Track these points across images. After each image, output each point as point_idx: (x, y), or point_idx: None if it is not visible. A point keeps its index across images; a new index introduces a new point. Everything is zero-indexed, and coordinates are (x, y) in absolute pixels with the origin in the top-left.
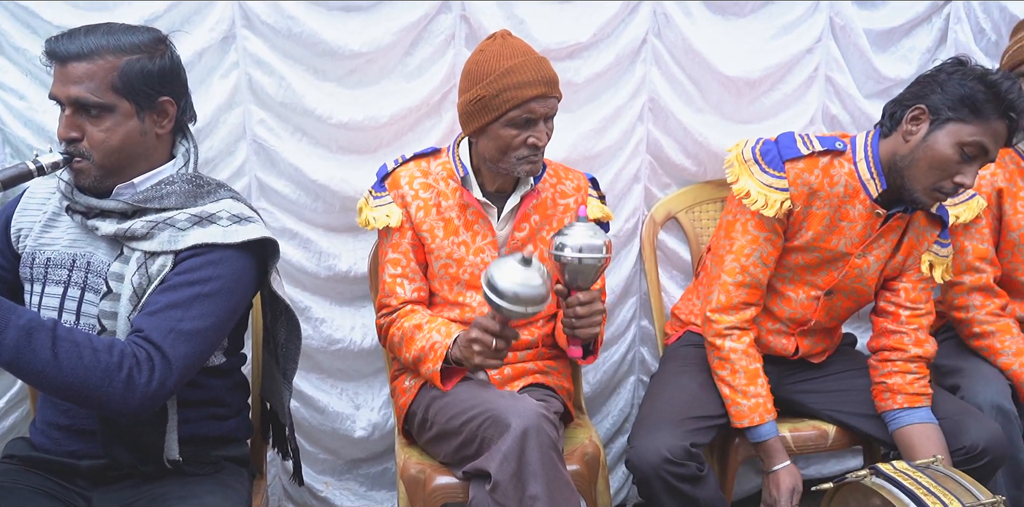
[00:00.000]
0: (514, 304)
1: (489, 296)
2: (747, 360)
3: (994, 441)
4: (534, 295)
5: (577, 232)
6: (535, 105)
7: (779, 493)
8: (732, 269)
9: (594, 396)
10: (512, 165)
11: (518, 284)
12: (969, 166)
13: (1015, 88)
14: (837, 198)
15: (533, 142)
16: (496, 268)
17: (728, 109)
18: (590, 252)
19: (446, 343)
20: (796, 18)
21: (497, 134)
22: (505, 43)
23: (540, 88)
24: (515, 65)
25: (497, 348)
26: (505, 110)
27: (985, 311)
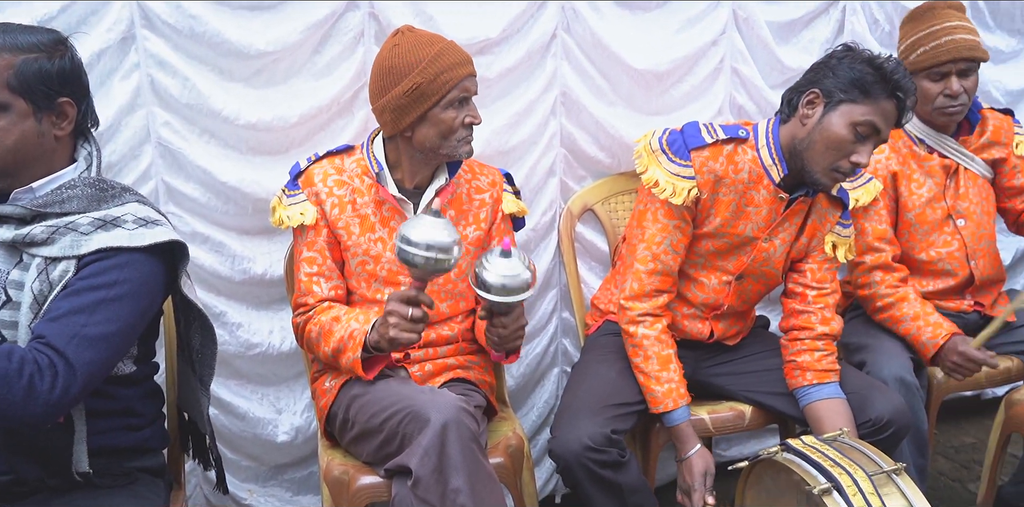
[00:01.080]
0: (426, 252)
1: (403, 249)
2: (660, 346)
3: (898, 413)
4: (444, 242)
5: (498, 269)
6: (468, 84)
7: (692, 478)
8: (644, 257)
9: (518, 389)
10: (453, 148)
11: (428, 234)
12: (863, 145)
13: (901, 69)
14: (742, 184)
15: (470, 121)
16: (407, 223)
17: (639, 101)
18: (513, 292)
19: (364, 329)
20: (700, 12)
21: (438, 119)
22: (417, 34)
23: (469, 67)
24: (441, 49)
25: (413, 318)
26: (445, 92)
27: (885, 285)
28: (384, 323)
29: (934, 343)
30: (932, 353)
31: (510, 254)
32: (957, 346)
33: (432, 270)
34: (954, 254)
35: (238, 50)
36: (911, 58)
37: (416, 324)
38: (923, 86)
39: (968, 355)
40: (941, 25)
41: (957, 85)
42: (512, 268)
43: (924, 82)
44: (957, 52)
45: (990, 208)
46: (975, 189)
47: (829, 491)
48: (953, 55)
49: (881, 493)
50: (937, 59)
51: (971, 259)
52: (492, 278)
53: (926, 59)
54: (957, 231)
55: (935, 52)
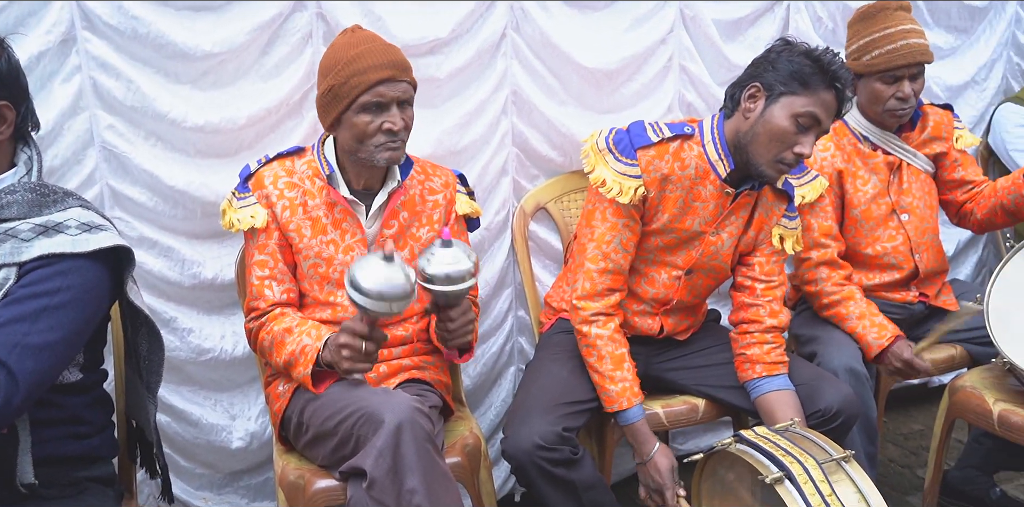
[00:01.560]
0: (378, 302)
1: (352, 296)
2: (613, 346)
3: (847, 402)
4: (398, 292)
5: (441, 259)
6: (383, 89)
7: (662, 476)
8: (594, 256)
9: (475, 388)
10: (371, 154)
11: (381, 282)
12: (805, 136)
13: (838, 61)
14: (689, 180)
15: (388, 127)
16: (358, 267)
17: (589, 100)
18: (457, 279)
19: (316, 346)
20: (648, 11)
21: (352, 122)
22: (353, 35)
23: (386, 71)
24: (360, 52)
25: (367, 351)
26: (355, 96)
27: (831, 282)
28: (337, 351)
29: (879, 344)
30: (876, 353)
31: (451, 244)
32: (902, 352)
33: (382, 316)
34: (899, 248)
35: (183, 52)
36: (865, 60)
37: (369, 356)
38: (875, 88)
39: (911, 363)
40: (896, 28)
41: (909, 89)
42: (454, 257)
43: (877, 84)
44: (912, 57)
45: (932, 202)
46: (918, 184)
47: (781, 480)
48: (908, 60)
49: (831, 480)
50: (893, 63)
51: (915, 252)
52: (435, 269)
53: (881, 62)
54: (901, 226)
55: (891, 56)
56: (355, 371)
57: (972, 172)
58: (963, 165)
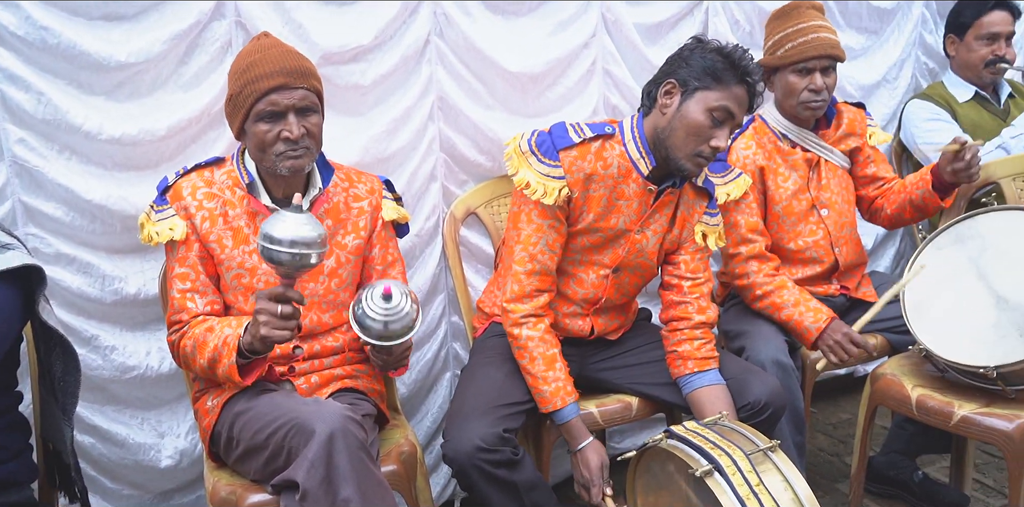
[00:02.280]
0: (291, 248)
1: (265, 246)
2: (544, 347)
3: (774, 395)
4: (311, 237)
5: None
6: (276, 97)
7: (590, 471)
8: (522, 258)
9: (411, 395)
10: (274, 162)
11: (293, 229)
12: (720, 130)
13: (748, 57)
14: (612, 179)
15: (285, 135)
16: (268, 222)
17: (515, 104)
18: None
19: (238, 333)
20: (571, 15)
21: (252, 132)
22: (257, 42)
23: (279, 79)
24: (255, 60)
25: (283, 314)
26: (250, 105)
27: (763, 274)
28: (255, 323)
29: (816, 327)
30: (815, 337)
31: (390, 298)
32: (840, 328)
33: (298, 266)
34: (819, 242)
35: (97, 63)
36: (779, 53)
37: (287, 321)
38: (789, 81)
39: (851, 336)
40: (807, 23)
41: (820, 80)
42: (395, 311)
43: (790, 77)
44: (822, 49)
45: (850, 197)
46: (836, 180)
47: (711, 472)
48: (819, 52)
49: (758, 470)
50: (804, 55)
51: (835, 246)
52: (373, 323)
53: (793, 54)
54: (821, 220)
55: (802, 48)
56: (274, 338)
57: (883, 169)
58: (875, 162)
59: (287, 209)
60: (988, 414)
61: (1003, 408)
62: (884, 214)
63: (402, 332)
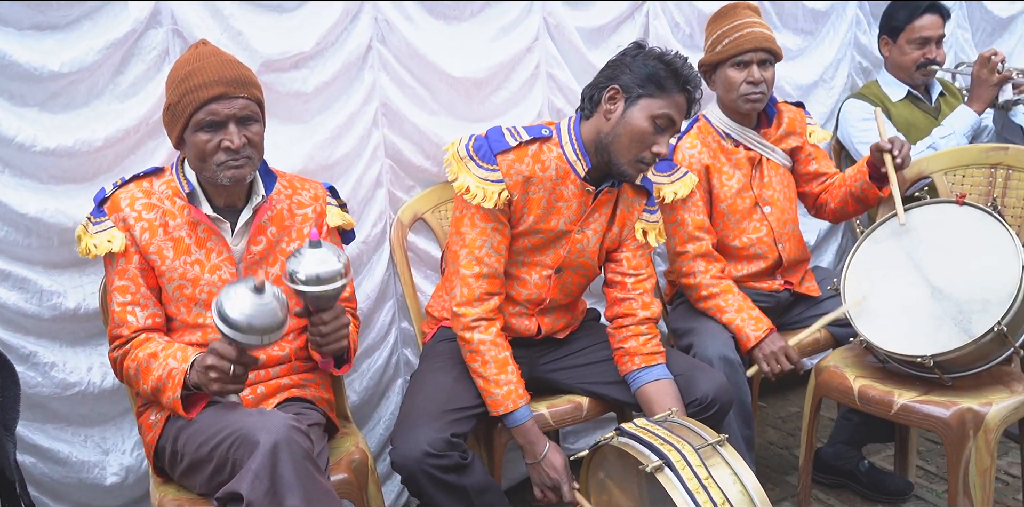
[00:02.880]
0: (248, 334)
1: (221, 327)
2: (496, 350)
3: (721, 390)
4: (269, 323)
5: (310, 260)
6: (216, 106)
7: (558, 472)
8: (468, 262)
9: (363, 403)
10: (215, 172)
11: (251, 314)
12: (662, 136)
13: (688, 65)
14: (550, 181)
15: (226, 145)
16: (226, 296)
17: (460, 110)
18: (327, 280)
19: (183, 368)
20: (513, 20)
21: (192, 142)
22: (195, 51)
23: (218, 88)
24: (193, 69)
25: (235, 374)
26: (189, 114)
27: (709, 275)
28: (205, 373)
29: (756, 336)
30: (753, 345)
31: (319, 244)
32: (776, 341)
33: (255, 347)
34: (763, 239)
35: (28, 73)
36: (717, 49)
37: (238, 379)
38: (728, 75)
39: (786, 350)
40: (742, 20)
41: (758, 73)
42: (323, 257)
43: (729, 71)
44: (757, 42)
45: (792, 195)
46: (777, 178)
47: (661, 468)
48: (753, 44)
49: (707, 464)
50: (740, 48)
51: (779, 242)
52: (305, 270)
53: (730, 48)
54: (764, 218)
55: (738, 41)
56: (224, 393)
57: (825, 165)
58: (816, 158)
59: (249, 286)
60: (926, 402)
61: (941, 396)
62: (828, 208)
63: (333, 277)
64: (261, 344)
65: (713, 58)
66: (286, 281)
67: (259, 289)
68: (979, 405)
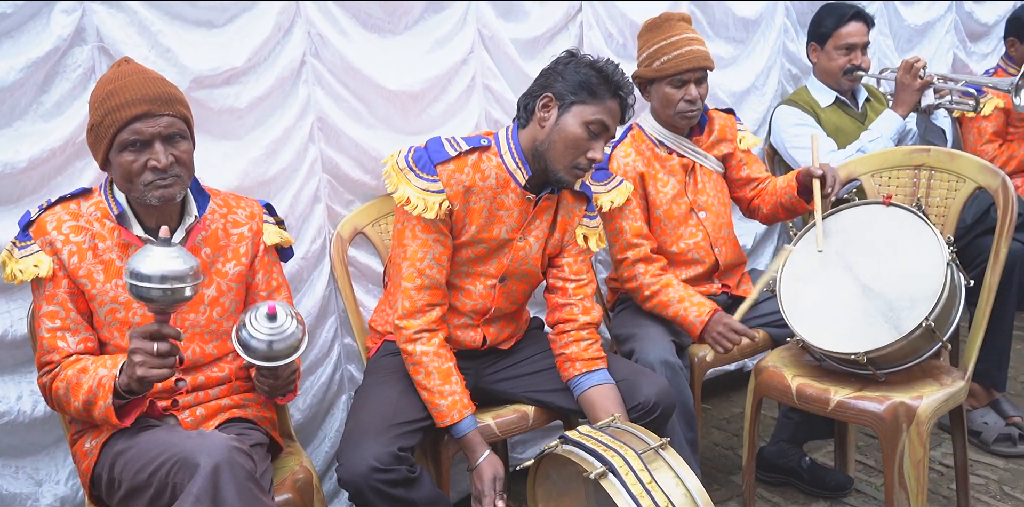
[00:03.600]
0: (161, 284)
1: (133, 284)
2: (439, 361)
3: (663, 394)
4: (179, 271)
5: (265, 332)
6: (140, 125)
7: (483, 484)
8: (410, 274)
9: (307, 421)
10: (142, 193)
11: (161, 264)
12: (597, 142)
13: (619, 71)
14: (491, 190)
15: (153, 165)
16: (135, 257)
17: (397, 122)
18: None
19: (113, 373)
20: (448, 32)
21: (117, 162)
22: (117, 69)
23: (141, 107)
24: (115, 88)
25: (160, 352)
26: (113, 134)
27: (649, 275)
28: (130, 363)
29: (700, 320)
30: (700, 329)
31: (275, 317)
32: (722, 319)
33: (171, 301)
34: (700, 244)
35: None
36: (654, 66)
37: (165, 358)
38: (666, 92)
39: (732, 326)
40: (679, 36)
41: (695, 91)
42: (279, 330)
43: (666, 88)
44: (695, 62)
45: (725, 200)
46: (711, 183)
47: (604, 474)
48: (692, 64)
49: (650, 468)
50: (679, 68)
51: (715, 247)
52: (257, 343)
53: (668, 67)
54: (700, 223)
55: (676, 61)
56: (152, 377)
57: (756, 170)
58: (747, 164)
59: (154, 243)
60: (861, 398)
61: (875, 391)
62: (761, 213)
63: (288, 352)
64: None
65: (650, 74)
66: (235, 345)
67: (166, 242)
68: (911, 399)
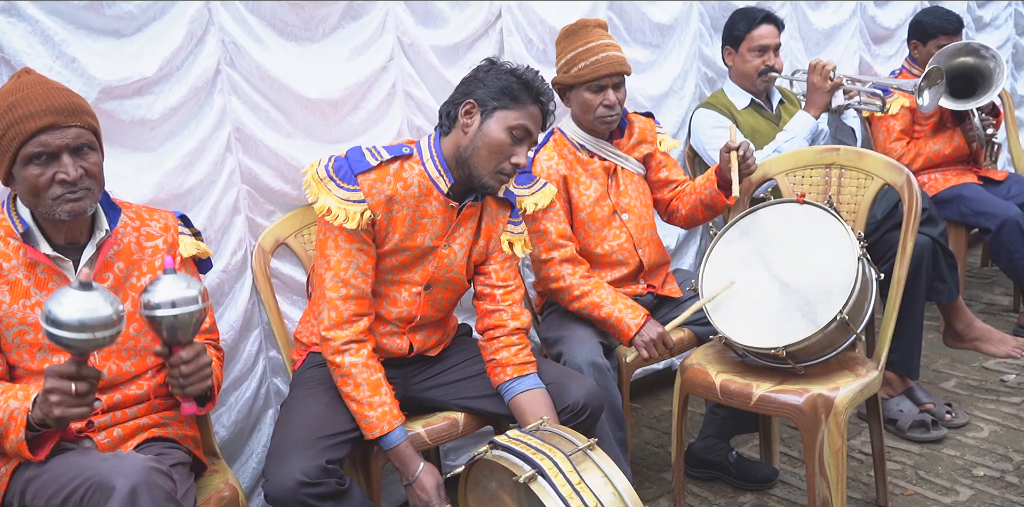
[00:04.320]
0: (80, 333)
1: (51, 332)
2: (368, 372)
3: (591, 395)
4: (102, 318)
5: (165, 286)
6: (46, 137)
7: (428, 494)
8: (334, 285)
9: (233, 438)
10: (50, 207)
11: (81, 310)
12: (520, 147)
13: (539, 78)
14: (414, 199)
15: (61, 178)
16: (53, 300)
17: (317, 131)
18: (184, 305)
19: (25, 407)
20: (367, 40)
21: (22, 176)
22: (18, 80)
23: (46, 118)
24: (17, 99)
25: (78, 393)
26: (17, 148)
27: (578, 275)
28: (46, 401)
29: (636, 323)
30: (634, 333)
31: (173, 271)
32: (656, 326)
33: (92, 348)
34: (623, 245)
35: None
36: (572, 72)
37: (84, 397)
38: (585, 98)
39: (664, 336)
40: (596, 42)
41: (613, 97)
42: (177, 283)
43: (585, 94)
44: (612, 67)
45: (648, 201)
46: (633, 186)
47: (534, 477)
48: (610, 70)
49: (579, 469)
50: (597, 73)
51: (638, 248)
52: (158, 297)
53: (586, 73)
54: (623, 225)
55: (594, 67)
56: (70, 418)
57: (675, 172)
58: (666, 166)
59: (74, 285)
60: (782, 391)
61: (794, 384)
62: (680, 215)
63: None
64: (97, 342)
65: (569, 80)
66: (141, 312)
67: (86, 286)
68: (828, 390)
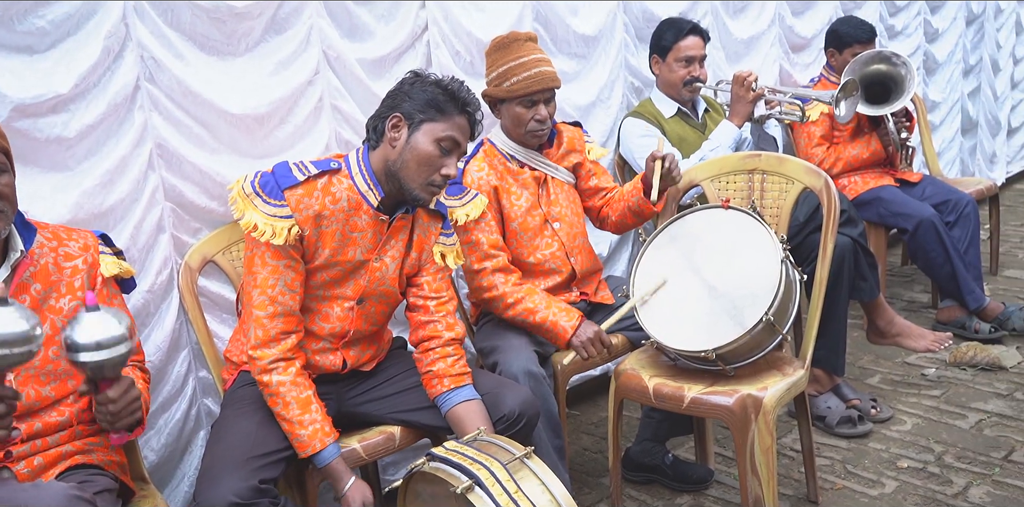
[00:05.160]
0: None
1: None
2: (297, 390)
3: (526, 404)
4: (18, 333)
5: (89, 326)
6: None
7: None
8: (262, 303)
9: (163, 462)
10: None
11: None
12: (449, 158)
13: (465, 88)
14: (343, 213)
15: None
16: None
17: (243, 146)
18: (111, 345)
19: None
20: (291, 53)
21: None
22: None
23: None
24: None
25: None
26: None
27: (511, 283)
28: None
29: (572, 325)
30: (571, 334)
31: (97, 308)
32: (591, 326)
33: (8, 366)
34: (556, 254)
35: None
36: (504, 86)
37: (1, 420)
38: (516, 112)
39: (600, 335)
40: (527, 57)
41: (544, 111)
42: (102, 322)
43: (517, 108)
44: (545, 83)
45: (578, 210)
46: (563, 195)
47: (471, 487)
48: (542, 85)
49: (516, 478)
50: (529, 88)
51: (571, 256)
52: (83, 337)
53: (519, 88)
54: (555, 233)
55: (527, 83)
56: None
57: (604, 180)
58: (596, 174)
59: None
60: (712, 393)
61: (725, 386)
62: (610, 221)
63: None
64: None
65: (501, 93)
66: (65, 353)
67: (3, 302)
68: (757, 390)
